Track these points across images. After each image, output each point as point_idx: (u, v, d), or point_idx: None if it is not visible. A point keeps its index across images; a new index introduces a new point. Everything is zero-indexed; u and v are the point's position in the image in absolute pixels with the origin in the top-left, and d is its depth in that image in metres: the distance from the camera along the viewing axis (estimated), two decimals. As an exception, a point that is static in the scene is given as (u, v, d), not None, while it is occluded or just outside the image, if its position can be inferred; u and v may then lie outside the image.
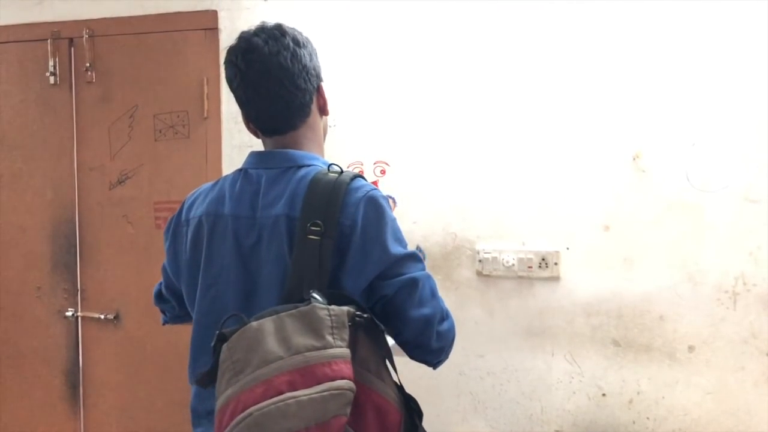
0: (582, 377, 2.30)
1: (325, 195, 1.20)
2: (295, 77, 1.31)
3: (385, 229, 1.25)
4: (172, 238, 1.40)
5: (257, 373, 1.01)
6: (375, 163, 2.45)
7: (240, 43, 1.31)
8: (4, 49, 2.79)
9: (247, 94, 1.32)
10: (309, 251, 1.16)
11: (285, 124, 1.35)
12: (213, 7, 2.56)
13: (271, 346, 1.03)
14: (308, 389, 0.98)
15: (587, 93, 2.24)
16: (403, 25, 2.38)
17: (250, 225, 1.26)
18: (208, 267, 1.30)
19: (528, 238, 2.31)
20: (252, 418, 0.96)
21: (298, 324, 1.06)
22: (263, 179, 1.29)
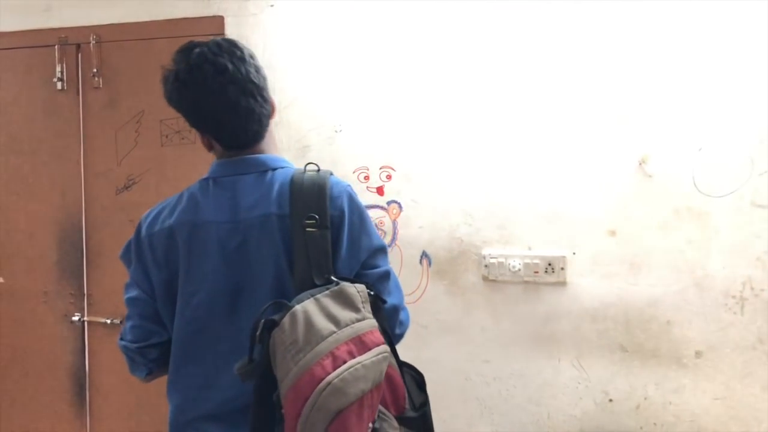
0: (588, 382, 2.30)
1: (312, 191, 1.30)
2: (264, 91, 1.39)
3: (367, 221, 1.39)
4: (137, 260, 1.39)
5: (318, 348, 1.11)
6: (381, 168, 2.45)
7: (204, 65, 1.30)
8: (12, 55, 2.80)
9: (222, 115, 1.34)
10: (312, 242, 1.26)
11: (257, 137, 1.40)
12: (219, 12, 2.57)
13: (322, 323, 1.14)
14: (365, 355, 1.14)
15: (593, 98, 2.24)
16: (409, 30, 2.39)
17: (232, 229, 1.32)
18: (189, 276, 1.33)
19: (534, 243, 2.31)
20: (332, 386, 1.08)
21: (336, 301, 1.19)
22: (239, 184, 1.35)
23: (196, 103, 1.35)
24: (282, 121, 2.52)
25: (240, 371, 1.16)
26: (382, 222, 2.45)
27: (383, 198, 2.45)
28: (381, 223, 2.45)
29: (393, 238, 2.44)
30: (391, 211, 2.44)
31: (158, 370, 1.47)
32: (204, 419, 1.35)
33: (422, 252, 2.41)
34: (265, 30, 2.52)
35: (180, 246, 1.34)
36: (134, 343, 1.42)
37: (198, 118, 1.38)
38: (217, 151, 1.43)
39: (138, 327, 1.42)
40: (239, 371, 1.17)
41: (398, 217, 2.43)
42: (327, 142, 2.48)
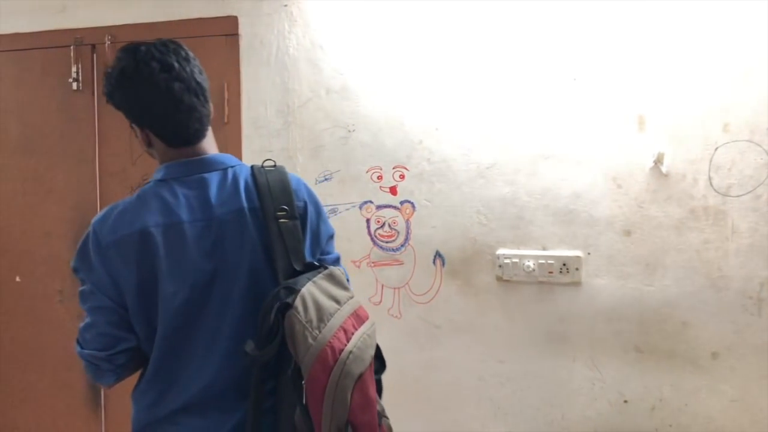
0: (603, 383, 2.28)
1: (277, 185, 1.41)
2: (206, 92, 1.44)
3: (323, 210, 1.52)
4: (102, 267, 1.38)
5: (331, 323, 1.27)
6: (394, 167, 2.44)
7: (151, 62, 1.35)
8: (28, 55, 2.82)
9: (166, 111, 1.38)
10: (287, 231, 1.38)
11: (198, 135, 1.44)
12: (233, 12, 2.57)
13: (327, 302, 1.30)
14: (364, 326, 1.35)
15: (609, 96, 2.23)
16: (420, 29, 2.38)
17: (206, 226, 1.37)
18: (169, 275, 1.36)
19: (549, 243, 2.30)
20: (353, 354, 1.25)
21: (330, 283, 1.36)
22: (205, 183, 1.40)
23: (140, 98, 1.38)
24: (295, 122, 2.53)
25: (257, 351, 1.25)
26: (395, 221, 2.44)
27: (396, 198, 2.44)
28: (394, 222, 2.44)
29: (406, 238, 2.43)
30: (405, 210, 2.44)
31: (125, 375, 1.47)
32: (182, 411, 1.39)
33: (435, 252, 2.41)
34: (278, 30, 2.53)
35: (156, 248, 1.35)
36: (102, 351, 1.41)
37: (142, 114, 1.41)
38: (158, 149, 1.46)
39: (105, 335, 1.41)
40: (253, 351, 1.25)
41: (411, 217, 2.43)
42: (340, 142, 2.48)
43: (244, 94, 2.58)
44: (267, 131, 2.57)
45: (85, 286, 1.43)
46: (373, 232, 2.48)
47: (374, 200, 2.47)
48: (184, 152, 1.43)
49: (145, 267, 1.36)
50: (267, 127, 2.57)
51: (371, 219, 2.48)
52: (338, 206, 2.50)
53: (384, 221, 2.46)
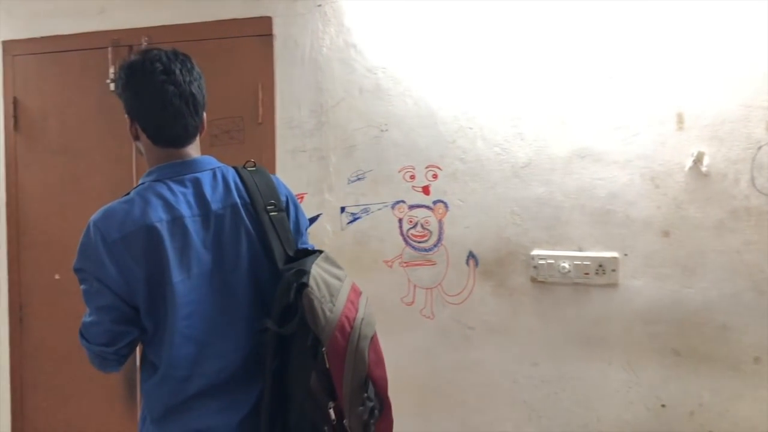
0: (640, 387, 2.24)
1: (263, 182, 1.58)
2: (198, 106, 1.54)
3: (299, 203, 1.69)
4: (112, 263, 1.45)
5: (340, 297, 1.45)
6: (427, 167, 2.43)
7: (156, 63, 1.49)
8: (67, 57, 2.88)
9: (153, 108, 1.50)
10: (278, 222, 1.55)
11: (180, 140, 1.54)
12: (267, 13, 2.59)
13: (332, 281, 1.47)
14: (361, 298, 1.54)
15: (648, 94, 2.19)
16: (452, 27, 2.37)
17: (205, 219, 1.50)
18: (177, 267, 1.46)
19: (585, 244, 2.27)
20: (365, 320, 1.46)
21: (328, 264, 1.53)
22: (200, 181, 1.53)
23: (136, 91, 1.51)
24: (328, 121, 2.53)
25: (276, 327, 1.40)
26: (427, 221, 2.43)
27: (429, 197, 2.43)
28: (427, 222, 2.43)
29: (439, 238, 2.42)
30: (437, 210, 2.42)
31: (127, 360, 1.59)
32: (196, 396, 1.49)
33: (469, 252, 2.39)
34: (312, 30, 2.53)
35: (162, 241, 1.45)
36: (110, 346, 1.52)
37: (133, 106, 1.53)
38: (144, 145, 1.57)
39: (110, 331, 1.51)
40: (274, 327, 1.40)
41: (444, 217, 2.42)
42: (373, 141, 2.48)
43: (277, 94, 2.59)
44: (300, 131, 2.57)
45: (88, 285, 1.50)
46: (406, 232, 2.47)
47: (407, 200, 2.46)
48: (171, 153, 1.55)
49: (153, 260, 1.45)
50: (300, 127, 2.57)
51: (403, 219, 2.47)
52: (370, 206, 2.50)
53: (416, 221, 2.45)
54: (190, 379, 1.49)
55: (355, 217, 2.52)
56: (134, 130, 1.57)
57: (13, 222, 3.02)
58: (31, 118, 2.96)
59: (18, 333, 3.05)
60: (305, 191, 2.58)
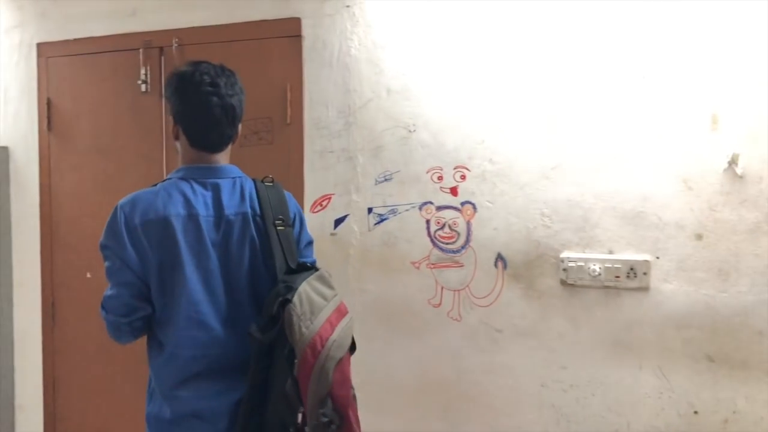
0: (672, 393, 2.20)
1: (275, 198, 1.74)
2: (236, 119, 1.72)
3: (305, 220, 1.86)
4: (132, 245, 1.65)
5: (320, 316, 1.57)
6: (455, 168, 2.42)
7: (204, 77, 1.66)
8: (100, 59, 2.92)
9: (198, 114, 1.68)
10: (283, 236, 1.70)
11: (215, 146, 1.73)
12: (296, 14, 2.60)
13: (317, 299, 1.60)
14: (345, 318, 1.66)
15: (681, 94, 2.14)
16: (482, 29, 2.35)
17: (217, 221, 1.67)
18: (191, 257, 1.65)
19: (616, 247, 2.23)
20: (336, 342, 1.57)
21: (320, 283, 1.66)
22: (220, 187, 1.70)
23: (183, 98, 1.68)
24: (356, 122, 2.53)
25: (259, 335, 1.55)
26: (455, 223, 2.41)
27: (457, 198, 2.42)
28: (455, 223, 2.41)
29: (467, 240, 2.40)
30: (465, 212, 2.40)
31: (139, 335, 1.77)
32: (194, 378, 1.67)
33: (497, 254, 2.37)
34: (341, 31, 2.54)
35: (176, 233, 1.64)
36: (125, 317, 1.69)
37: (179, 110, 1.70)
38: (182, 145, 1.75)
39: (128, 305, 1.68)
40: (257, 334, 1.55)
41: (472, 219, 2.40)
42: (401, 142, 2.47)
43: (306, 95, 2.60)
44: (328, 132, 2.58)
45: (111, 262, 1.67)
46: (433, 233, 2.45)
47: (434, 201, 2.45)
48: (202, 157, 1.73)
49: (166, 248, 1.64)
50: (328, 127, 2.58)
51: (431, 220, 2.46)
52: (398, 207, 2.49)
53: (444, 222, 2.44)
54: (195, 360, 1.66)
55: (383, 218, 2.52)
56: (176, 131, 1.75)
57: (46, 221, 3.07)
58: (64, 118, 3.01)
59: (50, 330, 3.10)
60: (332, 192, 2.58)
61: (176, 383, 1.69)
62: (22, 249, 3.16)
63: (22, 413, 3.21)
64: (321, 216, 2.61)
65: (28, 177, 3.11)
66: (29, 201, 3.11)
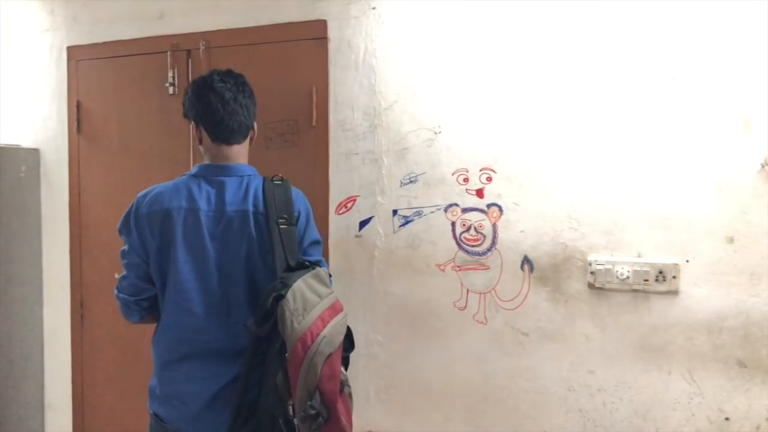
0: (702, 398, 2.16)
1: (282, 196, 1.84)
2: (249, 114, 1.93)
3: (312, 220, 1.94)
4: (137, 232, 1.85)
5: (312, 313, 1.65)
6: (481, 170, 2.40)
7: (214, 77, 1.89)
8: (128, 62, 2.95)
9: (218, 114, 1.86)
10: (285, 235, 1.79)
11: (235, 136, 1.91)
12: (322, 17, 2.60)
13: (311, 296, 1.68)
14: (338, 316, 1.74)
15: (712, 96, 2.11)
16: (511, 30, 2.33)
17: (217, 217, 1.81)
18: (186, 248, 1.81)
19: (644, 250, 2.20)
20: (327, 338, 1.64)
21: (315, 281, 1.73)
22: (224, 184, 1.84)
23: (197, 100, 1.88)
24: (381, 124, 2.53)
25: (254, 328, 1.65)
26: (481, 225, 2.40)
27: (483, 201, 2.40)
28: (480, 226, 2.40)
29: (493, 243, 2.38)
30: (491, 214, 2.39)
31: (148, 316, 1.95)
32: (186, 358, 1.82)
33: (524, 257, 2.35)
34: (366, 32, 2.54)
35: (175, 225, 1.81)
36: (132, 296, 1.91)
37: (197, 111, 1.89)
38: (205, 144, 1.92)
39: (134, 285, 1.90)
40: (253, 327, 1.66)
41: (498, 221, 2.38)
42: (426, 144, 2.47)
43: (331, 97, 2.60)
44: (353, 134, 2.58)
45: (125, 246, 1.89)
46: (459, 235, 2.44)
47: (460, 203, 2.43)
48: (221, 150, 1.89)
49: (164, 237, 1.82)
50: (353, 129, 2.58)
51: (457, 222, 2.44)
52: (423, 209, 2.49)
53: (470, 224, 2.42)
54: (180, 343, 1.82)
55: (408, 220, 2.51)
56: (198, 134, 1.92)
57: (75, 222, 3.11)
58: (94, 121, 3.05)
59: (79, 330, 3.14)
60: (357, 194, 2.58)
61: (165, 363, 1.86)
62: (52, 249, 3.21)
63: (52, 412, 3.26)
64: (346, 218, 2.61)
65: (59, 178, 3.17)
66: (59, 202, 3.17)
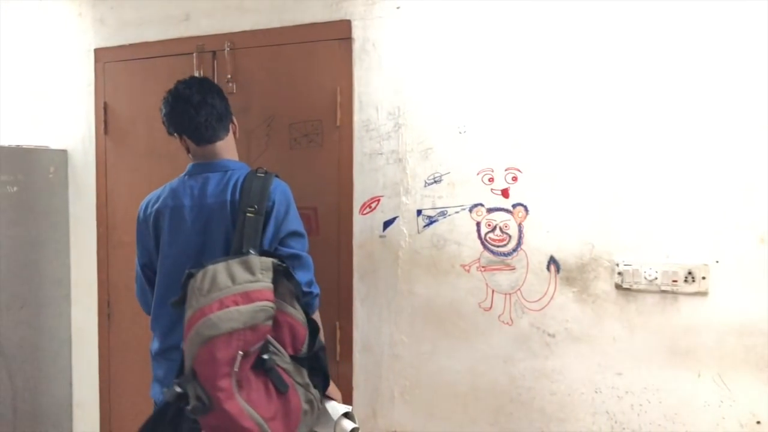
0: (733, 402, 2.12)
1: (258, 187, 1.91)
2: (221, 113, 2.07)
3: (291, 212, 1.98)
4: (138, 236, 2.11)
5: (214, 294, 1.65)
6: (506, 169, 2.39)
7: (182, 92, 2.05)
8: (154, 63, 2.98)
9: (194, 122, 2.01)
10: (248, 223, 1.85)
11: (214, 138, 2.06)
12: (347, 17, 2.60)
13: (223, 279, 1.68)
14: (246, 306, 1.65)
15: (742, 95, 2.07)
16: (536, 28, 2.32)
17: (199, 209, 1.96)
18: (169, 242, 1.99)
19: (673, 250, 2.17)
20: (210, 320, 1.61)
21: (240, 267, 1.72)
22: (209, 179, 1.99)
23: (171, 111, 2.05)
24: (405, 124, 2.52)
25: (170, 302, 1.75)
26: (506, 225, 2.38)
27: (508, 201, 2.38)
28: (506, 226, 2.38)
29: (518, 243, 2.37)
30: (517, 214, 2.37)
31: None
32: (175, 348, 1.93)
33: (550, 257, 2.32)
34: (391, 32, 2.53)
35: (164, 222, 2.00)
36: (142, 297, 2.19)
37: (174, 123, 2.07)
38: (192, 151, 2.08)
39: (142, 287, 2.17)
40: (170, 303, 1.75)
41: (524, 221, 2.36)
42: (450, 143, 2.46)
43: (355, 97, 2.60)
44: (377, 134, 2.58)
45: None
46: (484, 235, 2.43)
47: (485, 203, 2.42)
48: (205, 150, 2.06)
49: (157, 235, 2.02)
50: (378, 129, 2.58)
51: (482, 222, 2.43)
52: (447, 209, 2.48)
53: (495, 225, 2.41)
54: (170, 333, 1.98)
55: (432, 220, 2.50)
56: (184, 145, 2.10)
57: (102, 222, 3.15)
58: (120, 122, 3.08)
59: (106, 329, 3.17)
60: (381, 194, 2.58)
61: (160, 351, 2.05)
62: (80, 249, 3.25)
63: (80, 410, 3.30)
64: (370, 218, 2.60)
65: (86, 179, 3.20)
66: (87, 203, 3.20)
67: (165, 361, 2.02)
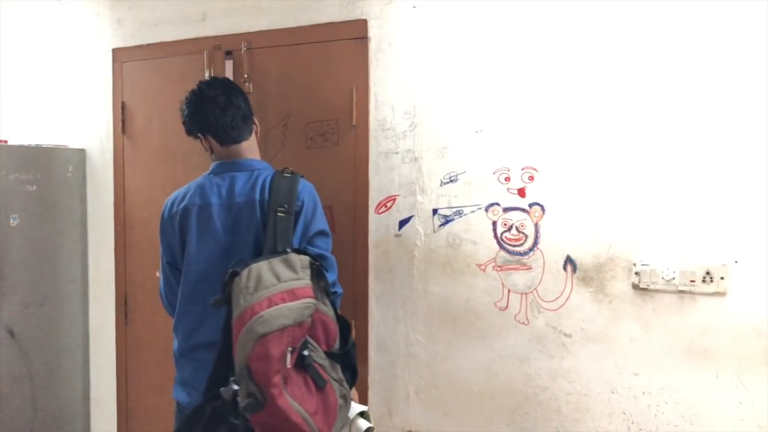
0: (752, 403, 2.11)
1: (286, 187, 1.93)
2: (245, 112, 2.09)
3: (318, 212, 2.01)
4: (163, 235, 2.09)
5: (261, 292, 1.66)
6: (522, 168, 2.38)
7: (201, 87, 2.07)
8: (172, 63, 3.00)
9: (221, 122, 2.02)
10: (280, 223, 1.87)
11: (238, 138, 2.07)
12: (363, 16, 2.61)
13: (268, 277, 1.70)
14: (293, 303, 1.68)
15: (759, 93, 2.05)
16: (553, 28, 2.31)
17: (228, 208, 1.97)
18: (197, 240, 1.98)
19: (691, 250, 2.15)
20: (262, 317, 1.63)
21: (283, 265, 1.74)
22: (234, 178, 2.00)
23: (195, 112, 2.05)
24: (421, 123, 2.52)
25: (212, 302, 1.73)
26: (523, 225, 2.38)
27: (525, 200, 2.38)
28: (522, 225, 2.38)
29: (535, 242, 2.36)
30: (533, 213, 2.36)
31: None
32: (201, 347, 1.98)
33: (566, 257, 2.32)
34: (407, 32, 2.53)
35: (191, 220, 1.99)
36: (167, 295, 2.16)
37: (198, 123, 2.06)
38: (216, 151, 2.09)
39: (167, 284, 2.14)
40: (212, 302, 1.72)
41: (541, 220, 2.35)
42: (467, 143, 2.45)
43: (371, 96, 2.61)
44: (393, 133, 2.58)
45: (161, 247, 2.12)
46: (500, 235, 2.42)
47: (501, 202, 2.42)
48: (229, 150, 2.07)
49: (183, 233, 2.01)
50: (393, 129, 2.58)
51: (498, 222, 2.42)
52: (463, 208, 2.47)
53: (511, 224, 2.40)
54: (194, 331, 1.99)
55: (448, 219, 2.50)
56: (207, 145, 2.10)
57: (120, 221, 3.18)
58: (138, 121, 3.11)
59: (123, 327, 3.20)
60: (397, 193, 2.58)
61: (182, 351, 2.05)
62: (98, 247, 3.29)
63: (98, 406, 3.34)
64: (386, 217, 2.61)
65: (104, 178, 3.24)
66: (104, 201, 3.23)
67: (190, 362, 2.02)
